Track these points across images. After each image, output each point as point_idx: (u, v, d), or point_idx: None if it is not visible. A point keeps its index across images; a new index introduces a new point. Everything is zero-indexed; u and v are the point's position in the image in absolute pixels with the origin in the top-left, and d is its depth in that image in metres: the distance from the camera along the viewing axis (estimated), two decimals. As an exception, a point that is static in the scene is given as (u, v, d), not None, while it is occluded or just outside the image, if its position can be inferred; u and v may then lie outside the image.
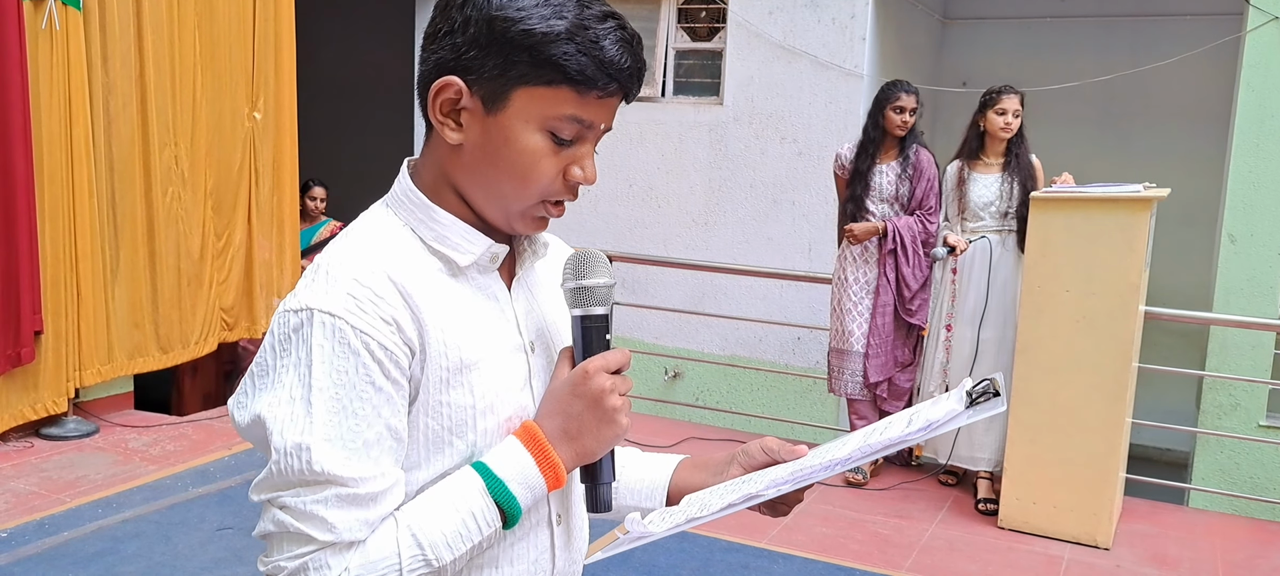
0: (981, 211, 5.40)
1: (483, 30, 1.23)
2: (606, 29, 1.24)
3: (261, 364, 1.24)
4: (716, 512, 1.35)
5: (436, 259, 1.30)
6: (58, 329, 5.72)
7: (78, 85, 5.66)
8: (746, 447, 1.47)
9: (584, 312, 1.32)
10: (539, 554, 1.37)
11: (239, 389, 1.26)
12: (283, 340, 1.22)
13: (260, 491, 1.22)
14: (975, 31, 9.63)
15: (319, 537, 1.18)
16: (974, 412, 1.27)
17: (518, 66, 1.23)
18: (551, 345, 1.40)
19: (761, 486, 1.36)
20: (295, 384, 1.19)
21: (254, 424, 1.22)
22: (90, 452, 5.64)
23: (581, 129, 1.27)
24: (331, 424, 1.18)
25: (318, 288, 1.22)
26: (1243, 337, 6.88)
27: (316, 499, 1.17)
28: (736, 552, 4.70)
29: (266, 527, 1.22)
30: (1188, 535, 5.29)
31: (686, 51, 8.43)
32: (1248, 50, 6.84)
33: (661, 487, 1.53)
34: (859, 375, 5.69)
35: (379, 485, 1.20)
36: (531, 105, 1.25)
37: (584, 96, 1.24)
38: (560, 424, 1.29)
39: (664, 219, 8.52)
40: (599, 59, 1.23)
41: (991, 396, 1.26)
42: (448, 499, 1.24)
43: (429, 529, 1.22)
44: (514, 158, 1.26)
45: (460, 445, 1.28)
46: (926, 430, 1.31)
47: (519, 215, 1.31)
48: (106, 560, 4.34)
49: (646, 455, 1.60)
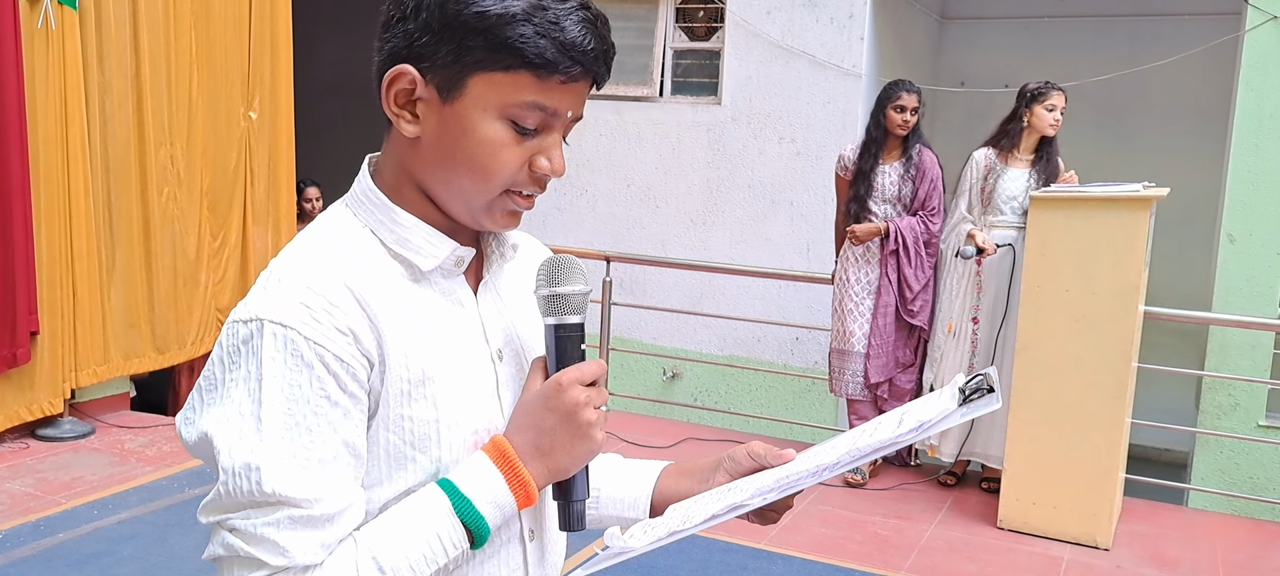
0: (1004, 205, 5.37)
1: (435, 15, 1.16)
2: (567, 9, 1.16)
3: (209, 377, 1.17)
4: (701, 523, 1.29)
5: (398, 262, 1.23)
6: (53, 329, 5.70)
7: (73, 85, 5.64)
8: (732, 453, 1.40)
9: (558, 321, 1.26)
10: (511, 571, 1.30)
11: (186, 404, 1.19)
12: (231, 352, 1.14)
13: (208, 513, 1.15)
14: (973, 31, 9.62)
15: (271, 562, 1.10)
16: (967, 410, 1.21)
17: (473, 51, 1.16)
18: (521, 353, 1.33)
19: (747, 495, 1.30)
20: (245, 399, 1.12)
21: (201, 442, 1.15)
22: (86, 453, 5.62)
23: (546, 117, 1.20)
24: (283, 441, 1.11)
25: (269, 296, 1.15)
26: (1242, 337, 6.87)
27: (268, 521, 1.10)
28: (735, 553, 4.69)
29: (216, 552, 1.15)
30: (1187, 535, 5.28)
31: (684, 51, 8.42)
32: (1247, 49, 6.84)
33: (644, 499, 1.46)
34: (860, 376, 5.67)
35: (335, 505, 1.13)
36: (489, 92, 1.17)
37: (545, 81, 1.17)
38: (532, 439, 1.23)
39: (662, 219, 8.50)
40: (560, 40, 1.15)
41: (985, 392, 1.19)
42: (412, 519, 1.17)
43: (391, 552, 1.15)
44: (473, 148, 1.19)
45: (424, 461, 1.21)
46: (918, 430, 1.24)
47: (484, 210, 1.23)
48: (102, 561, 4.32)
49: (629, 463, 1.52)
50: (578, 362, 1.25)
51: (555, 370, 1.25)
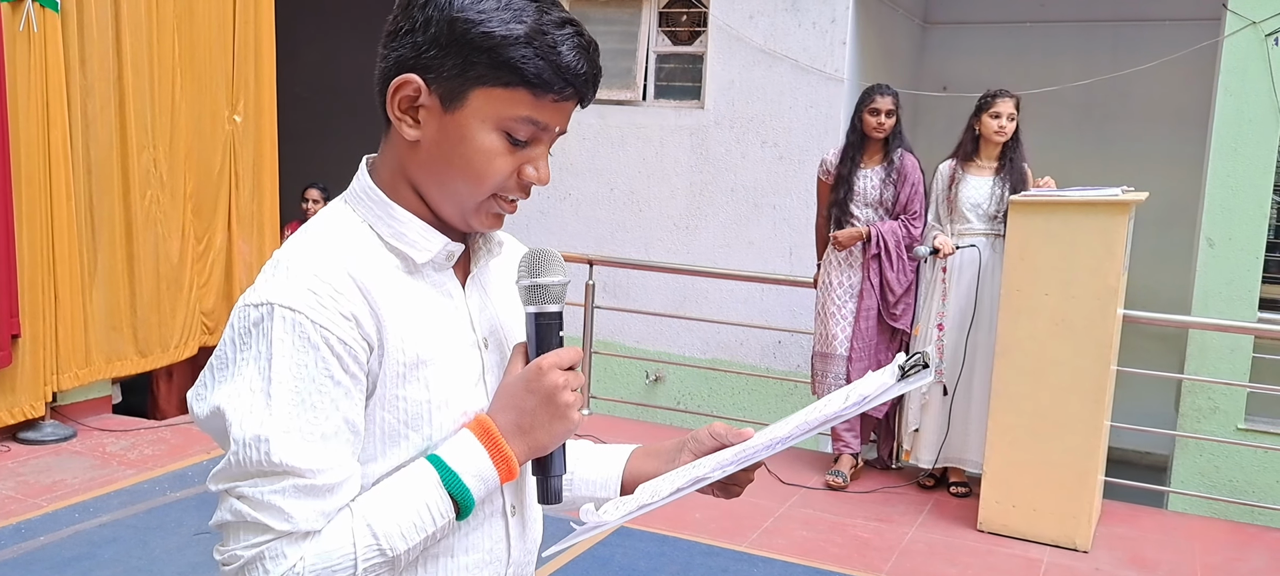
0: (969, 213, 5.42)
1: (443, 30, 1.26)
2: (564, 35, 1.27)
3: (221, 356, 1.25)
4: (666, 497, 1.40)
5: (394, 256, 1.33)
6: (35, 332, 5.68)
7: (56, 87, 5.62)
8: (696, 434, 1.51)
9: (538, 310, 1.35)
10: (494, 543, 1.40)
11: (198, 381, 1.28)
12: (243, 333, 1.23)
13: (218, 481, 1.23)
14: (956, 35, 9.66)
15: (276, 527, 1.20)
16: (905, 384, 1.37)
17: (476, 67, 1.26)
18: (504, 342, 1.43)
19: (708, 469, 1.41)
20: (255, 376, 1.21)
21: (213, 415, 1.24)
22: (67, 456, 5.60)
23: (536, 131, 1.30)
24: (291, 416, 1.20)
25: (278, 282, 1.24)
26: (1221, 341, 6.92)
27: (274, 489, 1.19)
28: (716, 556, 4.70)
29: (223, 517, 1.23)
30: (1167, 537, 5.31)
31: (667, 55, 8.44)
32: (1226, 55, 6.89)
33: (615, 480, 1.57)
34: (842, 378, 5.69)
35: (335, 476, 1.22)
36: (488, 105, 1.28)
37: (540, 99, 1.28)
38: (513, 418, 1.32)
39: (645, 222, 8.52)
40: (556, 63, 1.26)
41: (921, 368, 1.35)
42: (403, 490, 1.27)
43: (384, 520, 1.24)
44: (469, 155, 1.29)
45: (416, 438, 1.30)
46: (861, 403, 1.41)
47: (473, 211, 1.33)
48: (83, 564, 4.31)
49: (600, 447, 1.63)
50: (556, 348, 1.35)
51: (535, 355, 1.35)
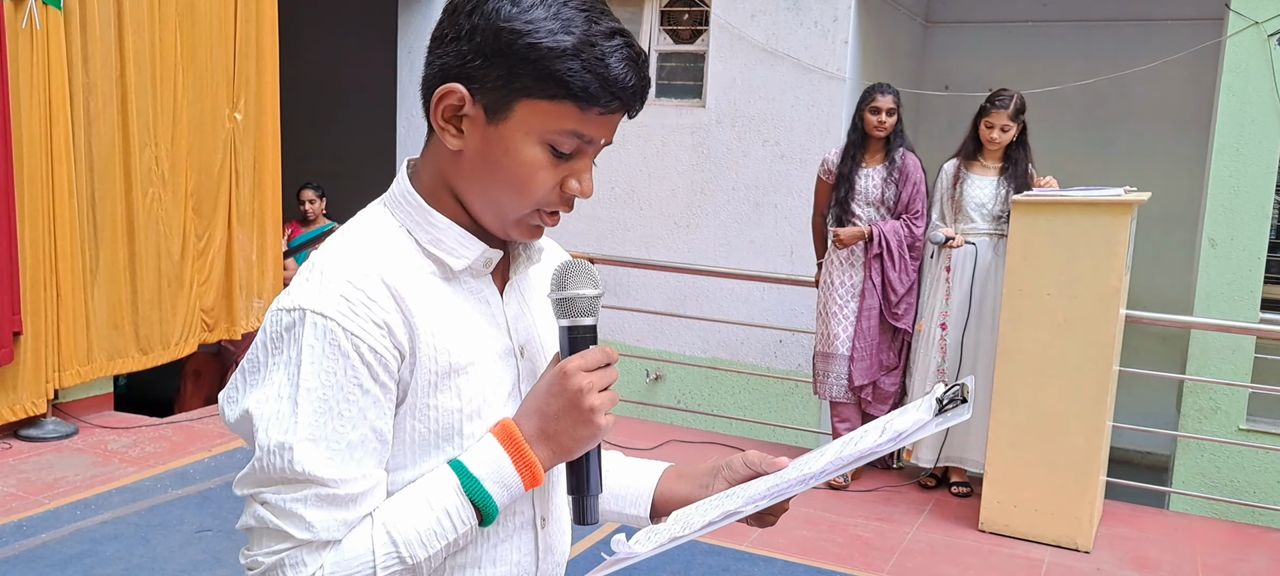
0: (974, 212, 5.42)
1: (489, 40, 1.22)
2: (613, 46, 1.23)
3: (253, 360, 1.25)
4: (698, 530, 1.36)
5: (431, 261, 1.30)
6: (37, 330, 5.68)
7: (58, 85, 5.62)
8: (730, 461, 1.48)
9: (572, 323, 1.32)
10: (522, 556, 1.37)
11: (230, 384, 1.27)
12: (275, 338, 1.23)
13: (243, 486, 1.23)
14: (958, 35, 9.66)
15: (297, 536, 1.19)
16: (942, 420, 1.27)
17: (522, 79, 1.22)
18: (540, 352, 1.40)
19: (740, 503, 1.37)
20: (284, 382, 1.20)
21: (242, 419, 1.23)
22: (69, 454, 5.60)
23: (581, 144, 1.27)
24: (316, 424, 1.19)
25: (312, 287, 1.23)
26: (1223, 341, 6.91)
27: (296, 498, 1.19)
28: (717, 555, 4.70)
29: (248, 522, 1.23)
30: (1168, 538, 5.31)
31: (669, 54, 8.43)
32: (1228, 55, 6.88)
33: (646, 496, 1.53)
34: (844, 378, 5.69)
35: (360, 486, 1.21)
36: (533, 118, 1.24)
37: (586, 112, 1.24)
38: (537, 423, 1.29)
39: (646, 221, 8.51)
40: (604, 76, 1.22)
41: (959, 403, 1.26)
42: (423, 497, 1.25)
43: (404, 526, 1.23)
44: (513, 168, 1.26)
45: (447, 448, 1.28)
46: (897, 439, 1.31)
47: (514, 223, 1.31)
48: (84, 562, 4.31)
49: (630, 460, 1.59)
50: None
51: None
